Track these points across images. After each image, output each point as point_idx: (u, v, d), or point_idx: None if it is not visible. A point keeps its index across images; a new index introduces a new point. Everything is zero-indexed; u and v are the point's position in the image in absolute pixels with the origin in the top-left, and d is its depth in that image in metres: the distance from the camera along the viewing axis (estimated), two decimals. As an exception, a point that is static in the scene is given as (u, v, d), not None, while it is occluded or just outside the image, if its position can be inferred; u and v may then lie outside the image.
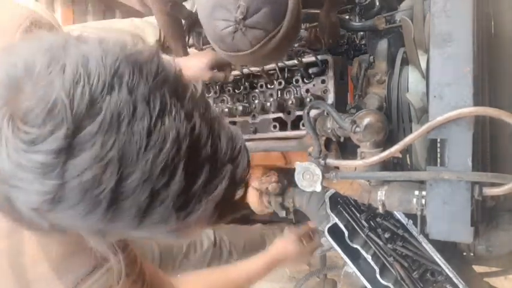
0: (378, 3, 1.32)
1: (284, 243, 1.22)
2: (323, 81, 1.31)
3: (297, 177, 1.11)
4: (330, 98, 1.29)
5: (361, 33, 1.48)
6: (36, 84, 0.42)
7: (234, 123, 1.50)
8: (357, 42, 1.51)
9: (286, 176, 1.62)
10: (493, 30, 1.12)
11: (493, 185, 0.89)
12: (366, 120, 1.03)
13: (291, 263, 1.23)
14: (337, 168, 1.13)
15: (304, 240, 1.24)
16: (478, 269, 1.35)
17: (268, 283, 2.82)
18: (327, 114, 1.15)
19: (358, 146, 1.11)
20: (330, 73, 1.30)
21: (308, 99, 1.31)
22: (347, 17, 1.45)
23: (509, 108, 0.86)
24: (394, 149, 0.96)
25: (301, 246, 1.23)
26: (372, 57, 1.26)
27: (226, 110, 1.45)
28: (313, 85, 1.34)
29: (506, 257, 1.30)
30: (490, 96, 1.06)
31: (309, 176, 1.09)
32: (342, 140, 1.18)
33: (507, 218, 1.13)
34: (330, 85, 1.30)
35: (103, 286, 0.67)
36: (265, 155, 1.49)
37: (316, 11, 1.37)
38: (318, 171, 1.07)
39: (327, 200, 1.35)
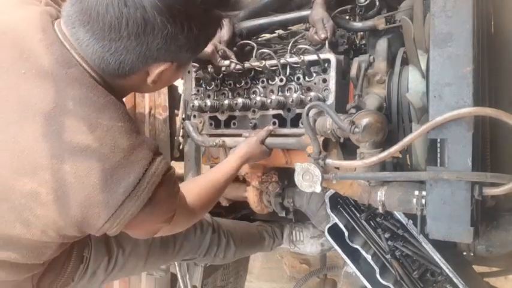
0: (377, 3, 1.32)
1: (248, 143, 1.33)
2: (324, 80, 1.31)
3: (297, 178, 1.11)
4: (331, 97, 1.29)
5: (361, 33, 1.48)
6: None
7: (233, 117, 1.51)
8: (357, 42, 1.51)
9: (286, 175, 1.62)
10: (493, 30, 1.12)
11: (493, 185, 0.89)
12: (365, 121, 1.03)
13: (255, 160, 1.36)
14: (337, 168, 1.13)
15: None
16: (478, 269, 1.35)
17: (268, 283, 2.82)
18: (326, 114, 1.15)
19: (358, 146, 1.11)
20: (332, 72, 1.29)
21: (308, 98, 1.31)
22: (347, 17, 1.45)
23: (509, 108, 0.86)
24: (394, 150, 0.96)
25: (262, 146, 1.33)
26: (372, 57, 1.25)
27: (227, 103, 1.45)
28: (314, 83, 1.34)
29: (506, 257, 1.30)
30: (490, 96, 1.06)
31: (308, 177, 1.09)
32: (341, 140, 1.18)
33: (507, 218, 1.13)
34: (331, 84, 1.29)
35: (165, 166, 0.82)
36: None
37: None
38: (317, 172, 1.08)
39: (327, 200, 1.35)
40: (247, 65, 1.44)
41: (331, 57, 1.29)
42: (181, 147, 1.85)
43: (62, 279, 1.05)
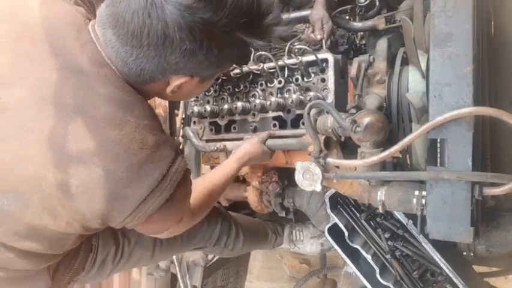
0: (377, 3, 1.32)
1: (248, 144, 1.34)
2: (323, 80, 1.31)
3: (297, 177, 1.11)
4: (330, 97, 1.29)
5: (361, 33, 1.48)
6: None
7: (233, 121, 1.51)
8: (357, 42, 1.51)
9: (286, 175, 1.62)
10: (493, 30, 1.12)
11: (493, 185, 0.89)
12: (366, 120, 1.03)
13: (256, 161, 1.37)
14: (336, 168, 1.13)
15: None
16: (478, 269, 1.35)
17: (268, 283, 2.82)
18: (327, 113, 1.15)
19: (359, 146, 1.11)
20: (330, 72, 1.29)
21: (308, 98, 1.31)
22: (347, 17, 1.45)
23: (510, 108, 0.86)
24: (394, 149, 0.96)
25: (263, 146, 1.34)
26: (372, 57, 1.25)
27: (226, 108, 1.45)
28: (313, 84, 1.34)
29: (506, 257, 1.30)
30: (490, 96, 1.06)
31: (309, 176, 1.09)
32: (342, 139, 1.18)
33: (507, 218, 1.13)
34: (330, 84, 1.30)
35: (185, 165, 0.86)
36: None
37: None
38: (318, 171, 1.08)
39: (327, 200, 1.35)
40: (245, 68, 1.44)
41: (329, 56, 1.29)
42: (181, 147, 1.85)
43: (73, 269, 1.07)
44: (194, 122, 1.59)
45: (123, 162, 0.75)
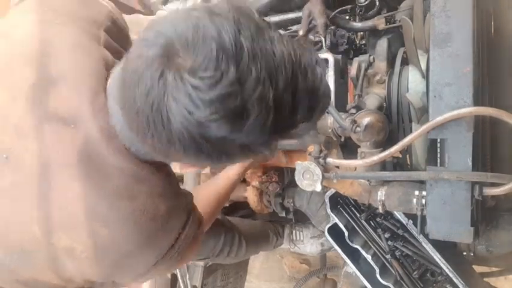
0: (377, 3, 1.32)
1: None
2: (323, 80, 1.31)
3: (297, 177, 1.11)
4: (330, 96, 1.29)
5: (361, 33, 1.48)
6: (195, 47, 0.53)
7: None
8: (357, 42, 1.51)
9: (286, 175, 1.62)
10: (493, 30, 1.12)
11: (493, 185, 0.89)
12: (366, 120, 1.03)
13: (258, 163, 1.38)
14: (337, 167, 1.13)
15: None
16: (478, 269, 1.35)
17: (268, 283, 2.82)
18: (327, 113, 1.15)
19: (359, 146, 1.11)
20: (330, 72, 1.29)
21: (308, 98, 1.31)
22: (347, 17, 1.45)
23: (510, 108, 0.86)
24: (394, 149, 0.96)
25: None
26: (371, 57, 1.25)
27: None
28: (313, 84, 1.34)
29: (506, 257, 1.30)
30: (490, 96, 1.06)
31: (309, 176, 1.09)
32: (342, 139, 1.18)
33: (507, 218, 1.13)
34: (330, 84, 1.30)
35: (196, 225, 0.83)
36: (265, 154, 1.49)
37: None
38: (318, 171, 1.07)
39: (327, 200, 1.35)
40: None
41: (329, 56, 1.29)
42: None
43: None
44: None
45: (132, 236, 0.73)
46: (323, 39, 1.35)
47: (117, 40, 0.84)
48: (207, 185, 1.28)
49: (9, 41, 0.76)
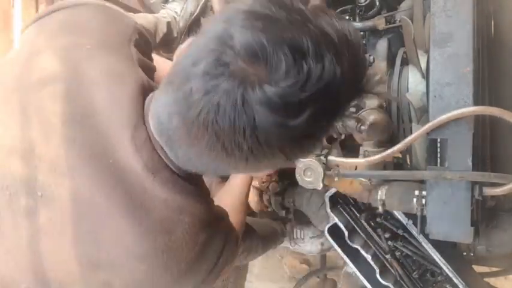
0: (377, 3, 1.32)
1: None
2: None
3: (298, 174, 1.10)
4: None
5: (361, 33, 1.48)
6: (265, 57, 0.50)
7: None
8: (357, 42, 1.51)
9: (286, 175, 1.62)
10: (493, 30, 1.12)
11: (493, 185, 0.89)
12: (371, 119, 1.02)
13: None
14: (336, 166, 1.13)
15: None
16: (478, 269, 1.35)
17: (268, 283, 2.82)
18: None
19: (357, 145, 1.11)
20: None
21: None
22: (347, 17, 1.45)
23: (510, 108, 0.86)
24: (397, 148, 0.95)
25: None
26: (371, 57, 1.25)
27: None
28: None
29: (506, 257, 1.30)
30: (490, 96, 1.06)
31: (310, 173, 1.08)
32: (343, 137, 1.18)
33: (507, 218, 1.13)
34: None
35: (235, 247, 0.82)
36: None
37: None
38: (319, 169, 1.07)
39: (327, 200, 1.35)
40: None
41: None
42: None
43: None
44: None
45: (171, 269, 0.70)
46: None
47: (144, 54, 0.79)
48: (227, 194, 1.22)
49: (33, 71, 0.70)
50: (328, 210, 1.35)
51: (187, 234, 0.70)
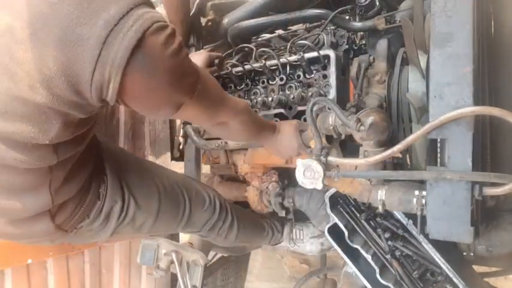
0: (377, 3, 1.32)
1: (287, 122, 1.29)
2: (324, 77, 1.32)
3: (298, 174, 1.10)
4: (332, 92, 1.30)
5: (361, 33, 1.48)
6: None
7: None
8: (357, 42, 1.52)
9: (286, 175, 1.62)
10: (493, 30, 1.12)
11: (493, 185, 0.89)
12: (371, 119, 1.02)
13: (280, 146, 1.29)
14: (337, 166, 1.13)
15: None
16: (478, 269, 1.35)
17: (268, 283, 2.82)
18: (329, 109, 1.15)
19: (357, 145, 1.11)
20: (332, 68, 1.30)
21: (310, 94, 1.32)
22: (347, 17, 1.45)
23: (510, 108, 0.86)
24: (397, 149, 0.95)
25: (297, 134, 1.26)
26: (371, 57, 1.26)
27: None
28: (315, 80, 1.35)
29: (506, 257, 1.30)
30: (490, 96, 1.06)
31: (310, 173, 1.08)
32: (343, 137, 1.18)
33: (507, 218, 1.13)
34: (332, 80, 1.30)
35: (159, 19, 0.74)
36: (266, 153, 1.49)
37: (318, 11, 1.38)
38: (319, 169, 1.07)
39: (327, 200, 1.35)
40: (247, 66, 1.44)
41: (331, 53, 1.30)
42: (181, 147, 1.85)
43: (79, 212, 1.05)
44: (195, 121, 1.59)
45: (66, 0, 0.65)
46: (324, 36, 1.36)
47: None
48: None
49: None
50: (328, 210, 1.35)
51: None
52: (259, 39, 1.63)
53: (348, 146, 1.31)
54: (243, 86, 1.51)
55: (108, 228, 1.16)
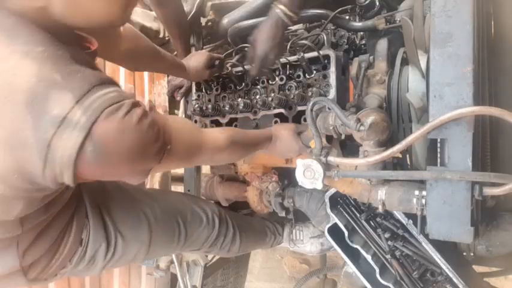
0: (377, 3, 1.32)
1: (283, 127, 1.30)
2: (325, 76, 1.32)
3: (298, 174, 1.10)
4: (332, 92, 1.30)
5: (361, 33, 1.48)
6: None
7: (235, 119, 1.51)
8: (357, 42, 1.52)
9: (286, 175, 1.62)
10: (493, 30, 1.12)
11: (493, 185, 0.89)
12: (371, 119, 1.02)
13: (281, 151, 1.30)
14: (337, 166, 1.13)
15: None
16: (478, 269, 1.35)
17: (268, 283, 2.82)
18: (329, 109, 1.15)
19: (357, 145, 1.11)
20: (332, 68, 1.30)
21: (310, 94, 1.32)
22: (347, 17, 1.45)
23: (510, 108, 0.86)
24: (396, 149, 0.95)
25: (295, 137, 1.28)
26: (371, 57, 1.26)
27: (228, 106, 1.46)
28: (315, 80, 1.35)
29: (506, 257, 1.30)
30: (490, 96, 1.06)
31: (309, 173, 1.08)
32: (343, 137, 1.18)
33: (507, 218, 1.13)
34: (332, 80, 1.30)
35: (113, 98, 0.69)
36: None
37: (318, 11, 1.38)
38: (319, 169, 1.07)
39: (327, 200, 1.35)
40: (247, 66, 1.45)
41: (331, 53, 1.30)
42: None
43: (56, 263, 1.03)
44: (195, 121, 1.59)
45: (10, 102, 0.64)
46: (324, 36, 1.36)
47: None
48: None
49: None
50: (328, 210, 1.35)
51: (25, 65, 0.65)
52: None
53: (348, 146, 1.31)
54: (243, 86, 1.51)
55: (96, 267, 1.14)
